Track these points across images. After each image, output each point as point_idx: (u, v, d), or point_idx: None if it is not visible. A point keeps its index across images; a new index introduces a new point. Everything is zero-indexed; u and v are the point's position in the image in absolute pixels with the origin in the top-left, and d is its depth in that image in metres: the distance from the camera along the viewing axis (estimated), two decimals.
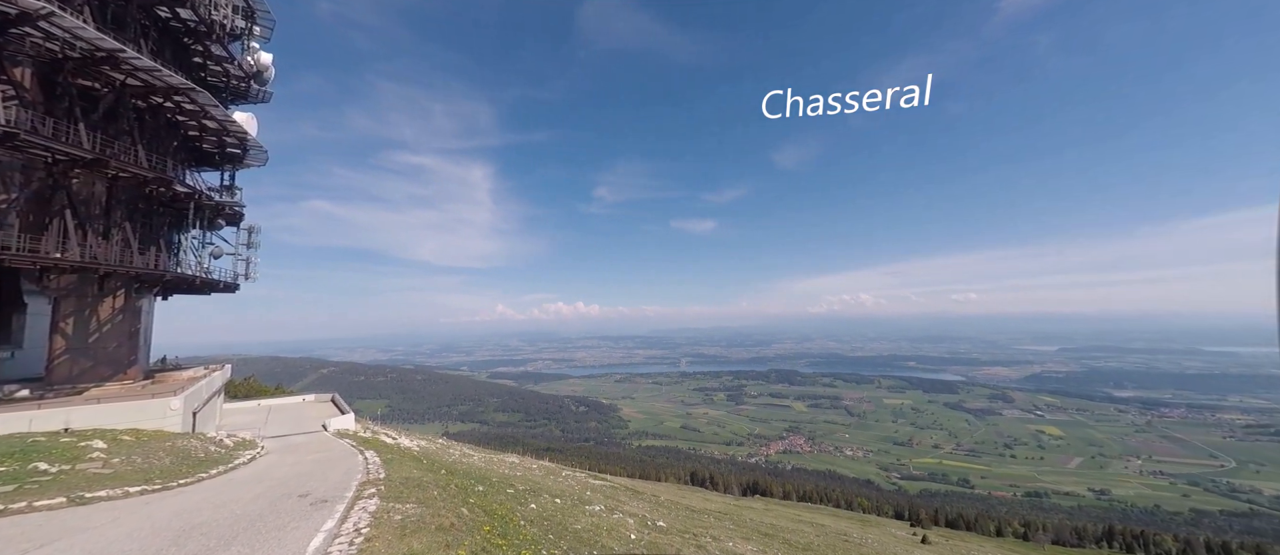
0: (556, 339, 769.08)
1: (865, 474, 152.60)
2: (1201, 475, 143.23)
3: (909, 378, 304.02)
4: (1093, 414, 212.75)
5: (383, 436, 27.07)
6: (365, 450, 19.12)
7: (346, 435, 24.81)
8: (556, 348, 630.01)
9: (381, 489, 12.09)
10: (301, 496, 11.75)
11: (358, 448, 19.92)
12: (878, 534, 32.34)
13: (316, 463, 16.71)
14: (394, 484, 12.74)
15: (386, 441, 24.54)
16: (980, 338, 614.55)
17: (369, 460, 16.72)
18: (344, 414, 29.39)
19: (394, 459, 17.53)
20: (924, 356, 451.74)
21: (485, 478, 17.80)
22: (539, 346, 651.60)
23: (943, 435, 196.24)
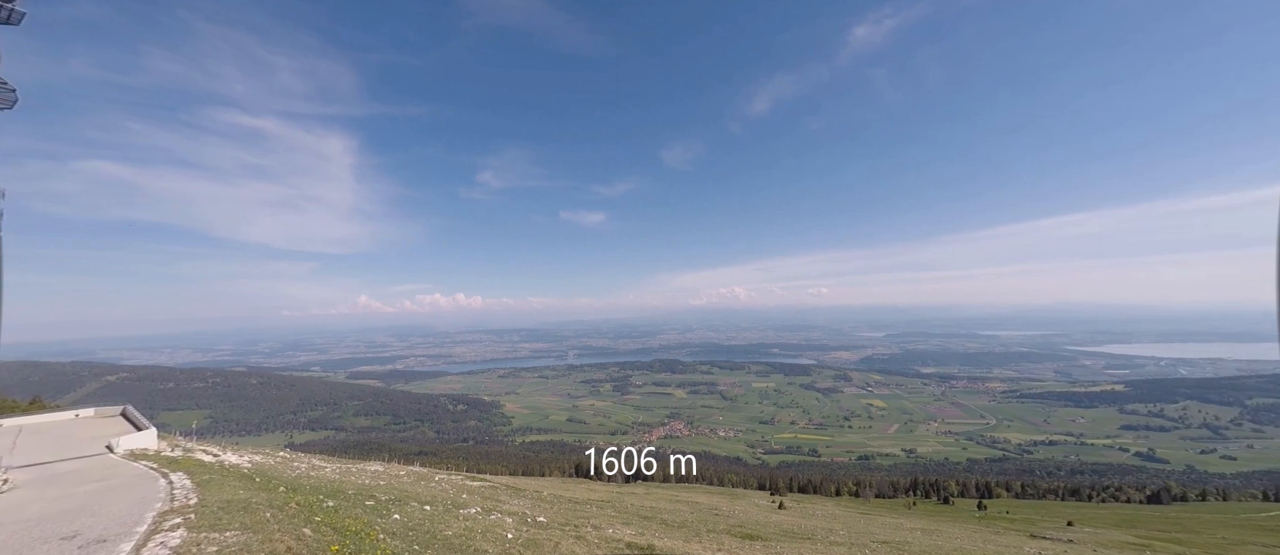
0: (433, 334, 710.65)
1: (735, 452, 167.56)
2: (975, 431, 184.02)
3: (773, 363, 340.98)
4: (906, 388, 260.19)
5: (200, 454, 22.36)
6: (171, 473, 15.55)
7: (144, 456, 19.97)
8: (433, 343, 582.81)
9: (191, 518, 9.91)
10: (66, 539, 9.12)
11: (160, 470, 16.11)
12: (744, 505, 35.39)
13: (92, 494, 13.13)
14: (210, 510, 10.54)
15: (204, 460, 20.32)
16: (829, 326, 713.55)
17: (175, 485, 13.63)
18: (140, 431, 23.66)
19: (213, 480, 14.54)
20: (785, 343, 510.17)
21: (339, 491, 15.68)
22: (411, 342, 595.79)
23: (798, 412, 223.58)
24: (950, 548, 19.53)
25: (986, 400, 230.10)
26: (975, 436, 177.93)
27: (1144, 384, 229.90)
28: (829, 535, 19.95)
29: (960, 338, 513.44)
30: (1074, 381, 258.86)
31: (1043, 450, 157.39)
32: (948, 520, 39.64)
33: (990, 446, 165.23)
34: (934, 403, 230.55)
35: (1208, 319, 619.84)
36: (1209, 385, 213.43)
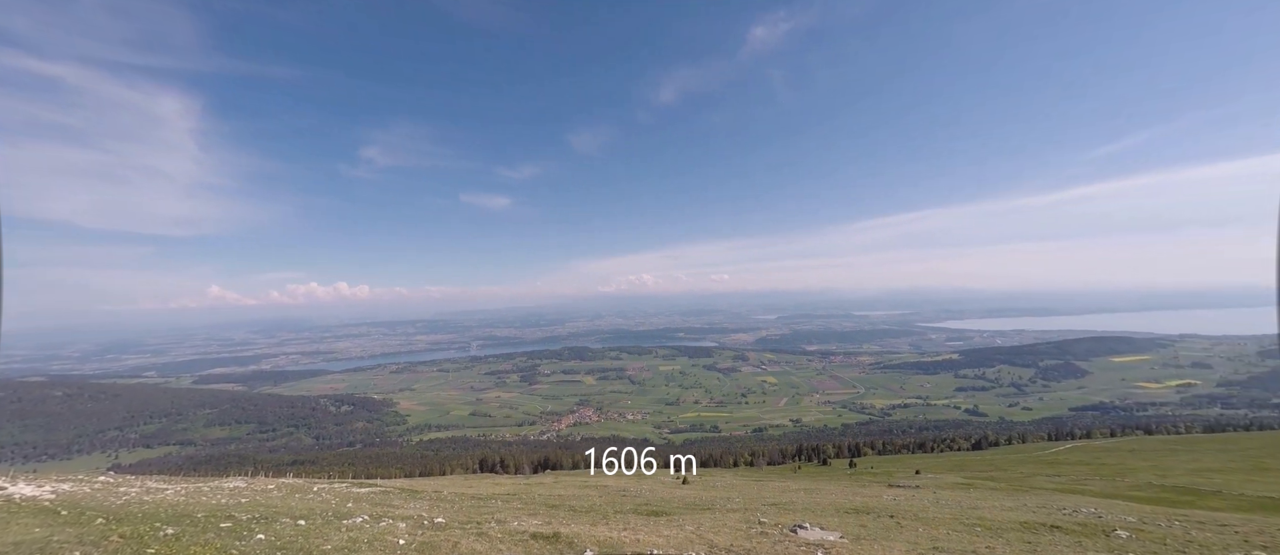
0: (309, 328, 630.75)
1: (643, 433, 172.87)
2: (848, 400, 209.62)
3: (678, 346, 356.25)
4: (794, 365, 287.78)
5: None
6: None
7: None
8: (309, 339, 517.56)
9: None
10: None
11: None
12: (650, 484, 36.61)
13: None
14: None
15: None
16: (730, 310, 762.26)
17: None
18: None
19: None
20: (690, 327, 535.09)
21: (184, 515, 13.25)
22: (281, 339, 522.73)
23: (701, 392, 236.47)
24: (826, 502, 22.01)
25: (858, 372, 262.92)
26: (849, 404, 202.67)
27: (972, 353, 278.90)
28: (726, 503, 21.32)
29: (838, 318, 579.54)
30: (923, 353, 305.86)
31: (899, 412, 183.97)
32: (825, 479, 44.73)
33: (860, 412, 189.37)
34: (816, 377, 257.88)
35: (1016, 298, 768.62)
36: (1015, 352, 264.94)
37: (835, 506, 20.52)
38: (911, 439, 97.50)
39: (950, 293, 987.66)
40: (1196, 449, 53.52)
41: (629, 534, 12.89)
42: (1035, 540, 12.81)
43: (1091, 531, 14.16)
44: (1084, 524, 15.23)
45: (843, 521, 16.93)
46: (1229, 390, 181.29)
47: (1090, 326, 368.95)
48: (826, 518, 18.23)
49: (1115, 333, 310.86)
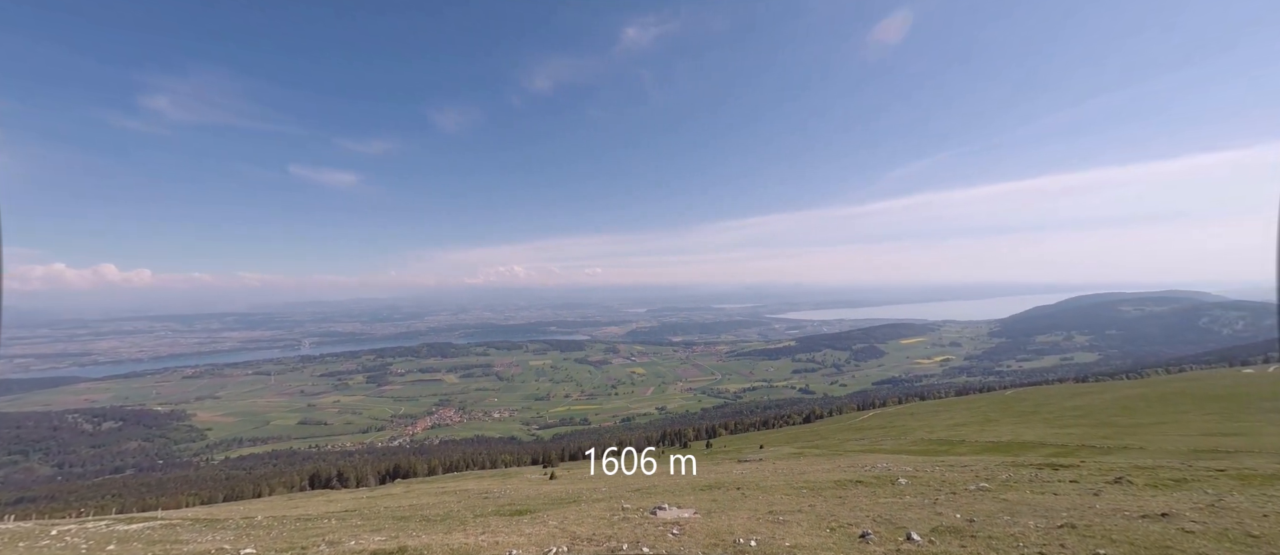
0: (54, 323, 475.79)
1: (510, 431, 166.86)
2: (707, 386, 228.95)
3: (550, 340, 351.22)
4: (661, 355, 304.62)
5: None
6: None
7: None
8: (52, 337, 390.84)
9: None
10: None
11: None
12: (516, 483, 35.32)
13: None
14: None
15: None
16: (602, 304, 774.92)
17: None
18: None
19: None
20: (562, 321, 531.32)
21: None
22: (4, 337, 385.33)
23: (573, 386, 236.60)
24: (685, 482, 23.55)
25: (716, 360, 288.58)
26: (707, 390, 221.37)
27: (805, 340, 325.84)
28: (592, 494, 21.47)
29: (700, 311, 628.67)
30: (768, 341, 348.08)
31: (749, 395, 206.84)
32: None
33: (717, 396, 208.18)
34: (681, 366, 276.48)
35: (840, 293, 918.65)
36: (836, 338, 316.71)
37: (693, 485, 22.08)
38: (758, 418, 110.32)
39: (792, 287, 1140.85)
40: (952, 409, 69.88)
41: (488, 538, 12.13)
42: (844, 494, 15.28)
43: (883, 482, 17.40)
44: (878, 477, 18.67)
45: (698, 498, 18.25)
46: (971, 362, 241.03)
47: (888, 316, 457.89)
48: (684, 496, 19.50)
49: (904, 321, 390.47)
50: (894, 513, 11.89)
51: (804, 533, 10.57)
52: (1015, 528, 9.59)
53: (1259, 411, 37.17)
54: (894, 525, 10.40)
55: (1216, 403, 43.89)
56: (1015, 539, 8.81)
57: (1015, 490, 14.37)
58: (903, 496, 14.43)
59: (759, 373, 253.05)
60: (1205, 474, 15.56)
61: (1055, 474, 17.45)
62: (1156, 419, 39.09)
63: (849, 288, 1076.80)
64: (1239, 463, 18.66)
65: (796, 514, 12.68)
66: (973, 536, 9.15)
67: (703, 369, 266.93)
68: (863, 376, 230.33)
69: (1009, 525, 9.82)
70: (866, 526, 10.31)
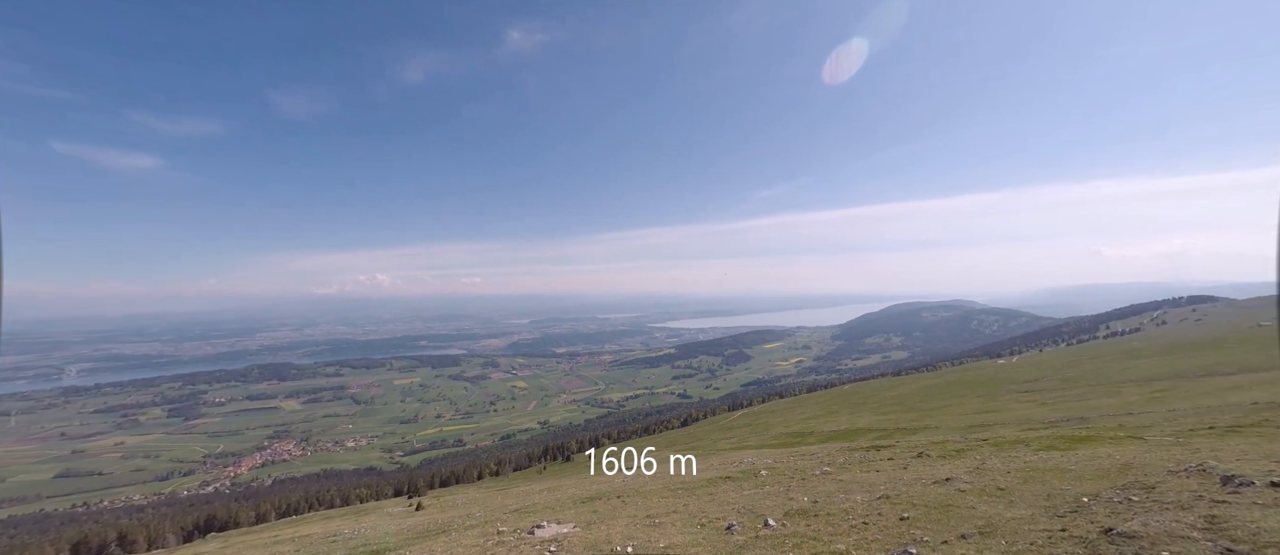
0: None
1: (368, 461, 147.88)
2: (592, 396, 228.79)
3: (420, 356, 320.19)
4: (544, 367, 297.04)
5: None
6: None
7: None
8: None
9: None
10: None
11: None
12: (374, 519, 31.41)
13: None
14: None
15: None
16: (481, 315, 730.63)
17: None
18: None
19: None
20: (435, 335, 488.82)
21: None
22: None
23: (445, 405, 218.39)
24: (566, 496, 23.12)
25: (600, 370, 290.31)
26: (591, 400, 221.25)
27: (684, 347, 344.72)
28: (465, 521, 19.97)
29: (585, 321, 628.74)
30: (650, 349, 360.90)
31: (632, 403, 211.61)
32: (567, 474, 47.34)
33: (600, 406, 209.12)
34: (565, 377, 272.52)
35: (715, 302, 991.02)
36: (711, 345, 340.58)
37: (573, 499, 21.76)
38: (639, 425, 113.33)
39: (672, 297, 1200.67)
40: (804, 404, 79.54)
41: None
42: (714, 491, 16.39)
43: (747, 475, 19.05)
44: (743, 471, 20.39)
45: (578, 512, 18.02)
46: (819, 362, 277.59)
47: (755, 323, 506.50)
48: (564, 511, 19.10)
49: (767, 327, 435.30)
50: (755, 502, 13.07)
51: (677, 532, 11.06)
52: (847, 503, 11.20)
53: (1008, 392, 48.84)
54: (754, 514, 11.42)
55: (982, 387, 56.59)
56: (846, 513, 10.29)
57: (849, 471, 16.80)
58: (763, 487, 15.94)
59: (641, 380, 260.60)
60: (975, 443, 19.89)
61: (878, 454, 20.83)
62: (945, 403, 49.03)
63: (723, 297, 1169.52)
64: (996, 433, 24.24)
65: (672, 515, 13.23)
66: (816, 516, 10.46)
67: (587, 379, 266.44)
68: (733, 379, 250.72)
69: (843, 502, 11.44)
70: (732, 518, 11.17)
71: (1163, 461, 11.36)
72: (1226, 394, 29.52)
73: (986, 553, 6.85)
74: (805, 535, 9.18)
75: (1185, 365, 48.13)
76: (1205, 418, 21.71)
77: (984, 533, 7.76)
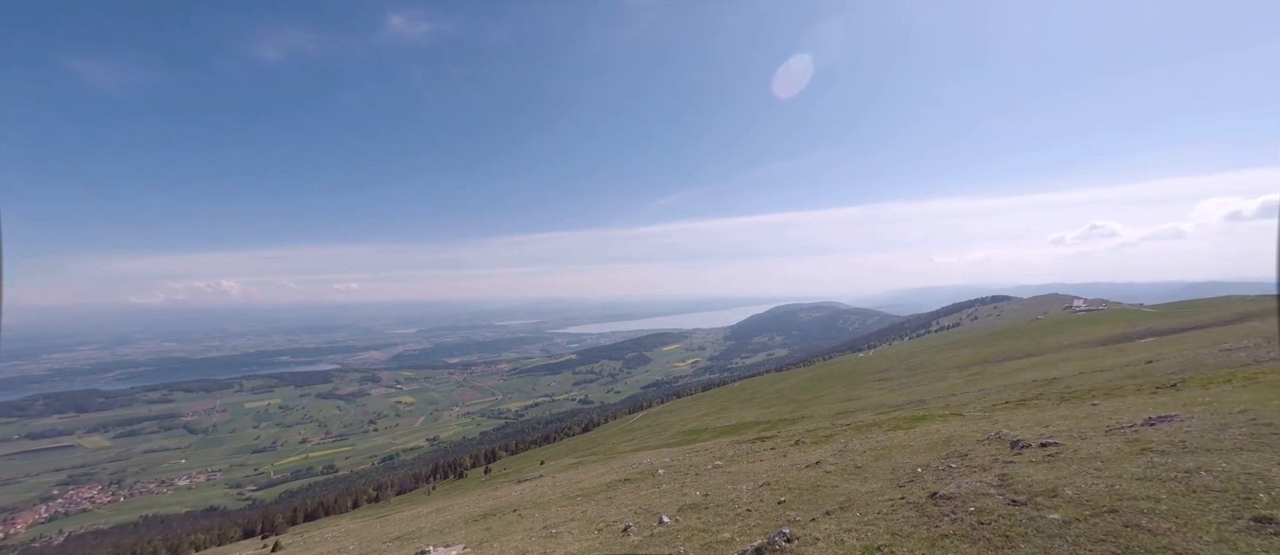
0: None
1: (208, 500, 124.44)
2: (488, 407, 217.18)
3: (280, 374, 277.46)
4: (434, 380, 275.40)
5: None
6: None
7: None
8: None
9: None
10: None
11: None
12: None
13: None
14: None
15: None
16: (358, 325, 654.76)
17: None
18: None
19: None
20: (300, 349, 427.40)
21: None
22: None
23: (312, 427, 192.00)
24: (456, 516, 21.62)
25: (497, 379, 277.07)
26: (488, 412, 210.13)
27: (585, 352, 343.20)
28: None
29: (481, 328, 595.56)
30: (551, 356, 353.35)
31: (531, 412, 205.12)
32: (460, 492, 44.31)
33: (498, 418, 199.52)
34: (458, 389, 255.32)
35: (617, 307, 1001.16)
36: (612, 349, 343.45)
37: (465, 518, 20.40)
38: (540, 434, 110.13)
39: (574, 302, 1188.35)
40: (700, 403, 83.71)
41: None
42: (613, 494, 16.51)
43: (645, 476, 19.49)
44: (642, 472, 20.83)
45: (469, 530, 16.93)
46: (713, 362, 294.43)
47: (654, 326, 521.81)
48: (454, 532, 17.82)
49: (665, 330, 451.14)
50: (651, 501, 13.41)
51: (574, 539, 10.93)
52: (734, 493, 12.00)
53: (867, 382, 56.22)
54: (650, 513, 11.71)
55: (847, 378, 64.49)
56: (733, 503, 11.02)
57: (737, 463, 18.01)
58: (660, 486, 16.42)
59: (542, 388, 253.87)
60: (840, 428, 22.57)
61: (763, 444, 22.64)
62: (818, 394, 55.00)
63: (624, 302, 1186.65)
64: (856, 418, 27.76)
65: (570, 523, 13.02)
66: (706, 508, 11.04)
67: (483, 390, 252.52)
68: (634, 382, 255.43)
69: (731, 492, 12.23)
70: (629, 519, 11.32)
71: (974, 433, 13.92)
72: (1016, 374, 37.14)
73: (845, 524, 7.79)
74: (696, 528, 9.63)
75: (989, 352, 59.62)
76: (1003, 395, 27.10)
77: (844, 507, 8.82)
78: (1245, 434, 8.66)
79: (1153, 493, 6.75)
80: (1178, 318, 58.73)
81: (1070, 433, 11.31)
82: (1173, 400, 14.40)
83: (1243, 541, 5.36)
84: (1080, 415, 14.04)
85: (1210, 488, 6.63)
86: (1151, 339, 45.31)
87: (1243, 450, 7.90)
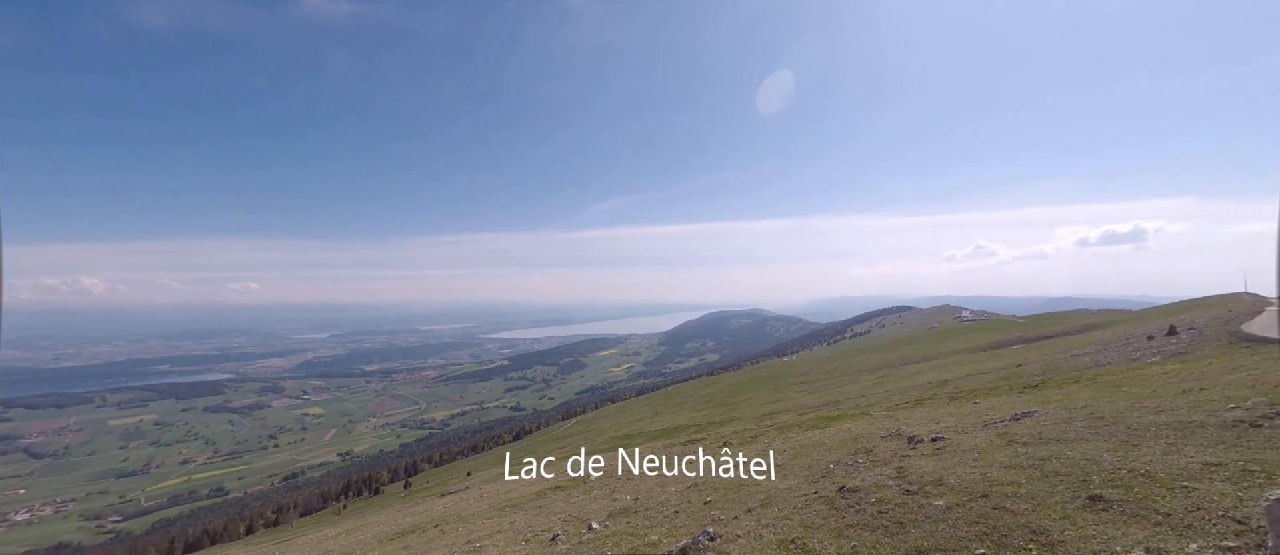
0: None
1: (57, 536, 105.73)
2: (409, 418, 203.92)
3: (156, 385, 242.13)
4: (349, 389, 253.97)
5: None
6: None
7: None
8: None
9: None
10: None
11: None
12: None
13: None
14: None
15: None
16: (258, 329, 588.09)
17: None
18: None
19: None
20: (185, 357, 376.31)
21: None
22: None
23: (198, 446, 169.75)
24: (370, 535, 20.12)
25: (421, 387, 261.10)
26: (409, 422, 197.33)
27: (518, 358, 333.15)
28: None
29: (404, 332, 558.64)
30: (481, 362, 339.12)
31: (459, 421, 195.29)
32: (375, 510, 41.17)
33: (421, 428, 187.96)
34: (376, 398, 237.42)
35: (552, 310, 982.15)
36: (546, 354, 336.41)
37: (381, 536, 19.04)
38: (467, 444, 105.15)
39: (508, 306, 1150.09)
40: (634, 407, 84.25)
41: None
42: (543, 503, 16.20)
43: (577, 482, 19.32)
44: (573, 480, 20.62)
45: (384, 550, 15.83)
46: (647, 367, 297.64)
47: (591, 331, 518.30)
48: (367, 553, 16.57)
49: (601, 335, 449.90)
50: (582, 508, 13.34)
51: (499, 552, 10.61)
52: (663, 495, 12.26)
53: (790, 385, 59.65)
54: (580, 520, 11.65)
55: (772, 382, 68.02)
56: (662, 505, 11.26)
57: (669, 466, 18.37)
58: (591, 492, 16.35)
59: (470, 395, 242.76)
60: (765, 429, 23.79)
61: (693, 447, 23.29)
62: (747, 396, 57.51)
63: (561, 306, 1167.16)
64: (779, 419, 29.39)
65: (495, 535, 12.61)
66: (635, 512, 11.18)
67: (405, 399, 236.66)
68: (568, 388, 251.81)
69: (660, 495, 12.48)
70: (558, 528, 11.18)
71: (878, 430, 15.30)
72: (915, 377, 41.21)
73: (764, 520, 8.26)
74: (625, 532, 9.73)
75: (894, 357, 65.65)
76: (904, 395, 29.98)
77: (764, 504, 9.34)
78: (1086, 426, 10.29)
79: (1015, 479, 7.83)
80: (1041, 327, 68.23)
81: (955, 428, 12.79)
82: (1035, 398, 16.73)
83: (1080, 517, 6.38)
84: (964, 412, 15.91)
85: (1058, 472, 7.82)
86: (1020, 345, 52.29)
87: (1083, 439, 9.39)
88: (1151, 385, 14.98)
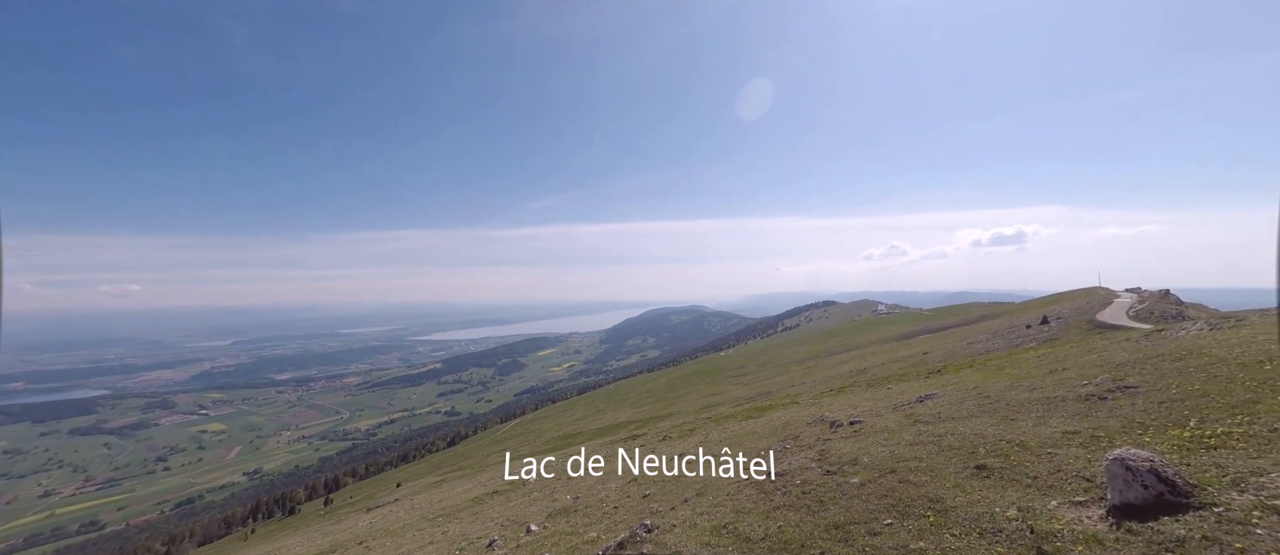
0: None
1: None
2: (329, 429, 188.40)
3: (6, 407, 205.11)
4: (256, 400, 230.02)
5: None
6: None
7: None
8: None
9: None
10: None
11: None
12: None
13: None
14: None
15: None
16: (142, 338, 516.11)
17: None
18: None
19: None
20: (46, 373, 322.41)
21: None
22: None
23: (63, 475, 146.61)
24: None
25: (342, 396, 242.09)
26: (329, 434, 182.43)
27: (452, 360, 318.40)
28: None
29: (322, 337, 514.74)
30: (411, 365, 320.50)
31: (386, 429, 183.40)
32: (290, 531, 37.80)
33: (343, 439, 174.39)
34: (289, 410, 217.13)
35: (488, 311, 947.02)
36: (483, 356, 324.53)
37: None
38: (396, 454, 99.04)
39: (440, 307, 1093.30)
40: (575, 406, 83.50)
41: None
42: (480, 509, 15.73)
43: (516, 486, 18.91)
44: (511, 484, 20.16)
45: None
46: (588, 365, 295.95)
47: (530, 331, 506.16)
48: None
49: (541, 335, 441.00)
50: (520, 512, 13.11)
51: None
52: (603, 493, 12.35)
53: (726, 378, 61.92)
54: (518, 523, 11.46)
55: (710, 376, 70.28)
56: (602, 502, 11.35)
57: (609, 463, 18.48)
58: (531, 494, 16.09)
59: (399, 401, 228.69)
60: (703, 421, 24.59)
61: (634, 442, 23.57)
62: (686, 391, 58.98)
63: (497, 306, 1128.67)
64: (716, 411, 30.49)
65: (428, 547, 12.09)
66: (575, 511, 11.18)
67: (323, 409, 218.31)
68: (507, 390, 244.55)
69: (600, 492, 12.56)
70: (495, 533, 10.93)
71: (805, 417, 16.37)
72: (839, 367, 44.38)
73: (699, 509, 8.61)
74: (564, 532, 9.72)
75: (820, 349, 70.24)
76: (829, 384, 32.21)
77: (700, 494, 9.71)
78: (975, 405, 11.67)
79: (918, 454, 8.75)
80: (943, 319, 75.99)
81: (870, 411, 14.00)
82: (937, 382, 18.67)
83: (969, 484, 7.27)
84: (878, 397, 17.42)
85: (952, 447, 8.82)
86: (926, 335, 57.92)
87: (973, 417, 10.66)
88: (1027, 367, 17.27)
